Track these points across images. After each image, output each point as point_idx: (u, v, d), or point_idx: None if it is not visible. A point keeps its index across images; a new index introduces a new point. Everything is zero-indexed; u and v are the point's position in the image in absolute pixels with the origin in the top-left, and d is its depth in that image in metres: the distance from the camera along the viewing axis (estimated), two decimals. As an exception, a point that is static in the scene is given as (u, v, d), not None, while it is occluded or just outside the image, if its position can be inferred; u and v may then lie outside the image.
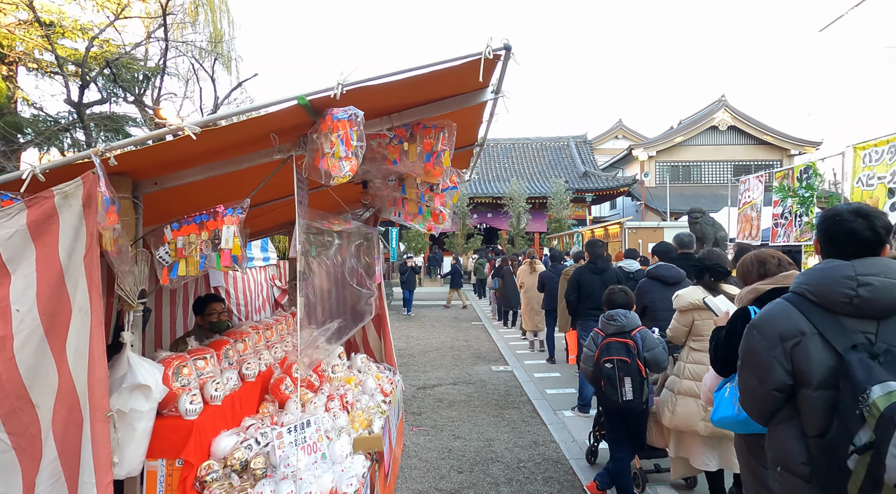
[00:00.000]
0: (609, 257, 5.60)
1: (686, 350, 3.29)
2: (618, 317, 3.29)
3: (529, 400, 6.22)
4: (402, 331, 11.94)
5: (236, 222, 1.95)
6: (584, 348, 3.44)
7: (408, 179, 3.05)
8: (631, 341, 3.21)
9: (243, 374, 2.91)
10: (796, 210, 7.51)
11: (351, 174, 1.82)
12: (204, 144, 2.10)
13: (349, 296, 4.66)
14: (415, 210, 3.43)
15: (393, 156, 2.37)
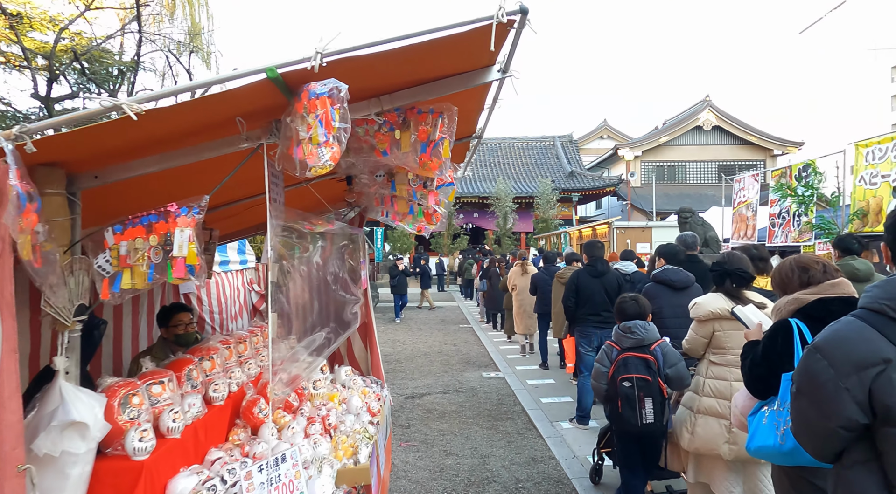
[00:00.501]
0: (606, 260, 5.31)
1: (705, 364, 2.99)
2: (636, 330, 2.98)
3: (524, 409, 5.91)
4: (388, 335, 11.57)
5: (192, 224, 1.59)
6: (595, 363, 3.12)
7: (399, 174, 2.70)
8: (651, 356, 2.90)
9: (210, 398, 2.54)
10: (795, 210, 7.31)
11: (332, 164, 1.47)
12: (155, 129, 1.73)
13: (333, 305, 4.29)
14: (405, 209, 3.08)
15: (382, 146, 2.02)
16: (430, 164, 2.00)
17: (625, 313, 3.11)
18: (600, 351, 3.12)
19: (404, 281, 14.52)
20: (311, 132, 1.43)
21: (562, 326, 6.63)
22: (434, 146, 1.98)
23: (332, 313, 4.28)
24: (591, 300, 5.06)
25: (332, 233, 3.96)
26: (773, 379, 2.11)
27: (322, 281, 4.29)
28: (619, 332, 3.05)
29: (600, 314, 5.05)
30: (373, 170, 2.68)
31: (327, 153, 1.43)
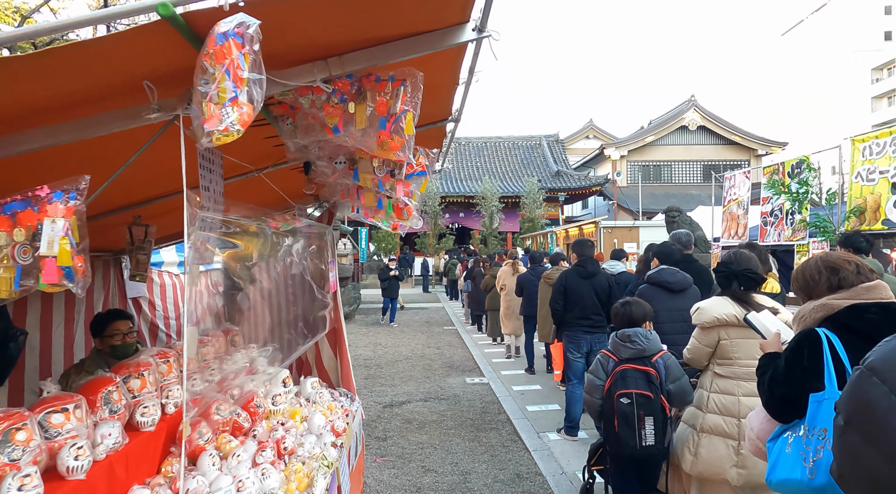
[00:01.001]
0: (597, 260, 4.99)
1: (709, 376, 2.66)
2: (637, 339, 2.64)
3: (509, 418, 5.56)
4: (369, 338, 11.18)
5: (69, 214, 1.21)
6: (588, 374, 2.78)
7: (362, 161, 2.33)
8: (653, 370, 2.56)
9: (138, 423, 2.15)
10: (789, 207, 7.06)
11: (241, 128, 1.10)
12: (31, 93, 1.35)
13: (297, 310, 3.91)
14: (372, 202, 2.72)
15: (333, 122, 1.65)
16: (390, 143, 1.63)
17: (625, 319, 2.76)
18: (594, 361, 2.78)
19: (396, 283, 13.69)
20: (216, 86, 1.06)
21: (549, 330, 6.30)
22: (395, 121, 1.61)
23: (295, 319, 3.90)
24: (581, 303, 4.73)
25: (297, 232, 3.59)
26: (798, 400, 1.79)
27: (284, 284, 3.91)
28: (616, 341, 2.71)
29: (590, 317, 4.73)
30: (332, 156, 2.31)
31: (233, 114, 1.05)
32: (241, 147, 2.42)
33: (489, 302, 9.81)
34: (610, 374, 2.62)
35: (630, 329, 2.69)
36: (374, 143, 1.65)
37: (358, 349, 9.85)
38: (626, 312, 2.75)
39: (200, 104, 1.04)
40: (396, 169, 2.35)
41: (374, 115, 1.63)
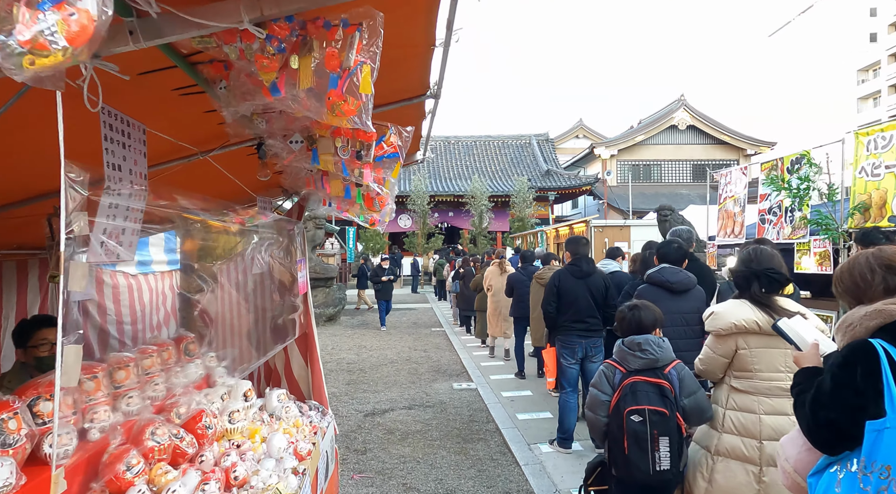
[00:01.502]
0: (592, 259, 4.66)
1: (725, 390, 2.33)
2: (649, 347, 2.30)
3: (498, 428, 5.22)
4: (354, 340, 10.79)
5: None
6: (591, 388, 2.43)
7: (322, 140, 1.97)
8: (666, 382, 2.23)
9: (46, 456, 1.77)
10: (789, 204, 6.78)
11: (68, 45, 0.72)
12: None
13: (260, 314, 3.54)
14: (339, 191, 2.36)
15: (270, 78, 1.29)
16: (342, 106, 1.27)
17: (633, 324, 2.42)
18: (597, 373, 2.43)
19: (390, 285, 12.97)
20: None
21: (542, 333, 5.97)
22: (349, 76, 1.25)
23: (259, 324, 3.53)
24: (575, 304, 4.40)
25: (260, 228, 3.21)
26: (849, 428, 1.46)
27: (246, 286, 3.54)
28: (624, 350, 2.37)
29: (585, 320, 4.39)
30: (286, 133, 1.94)
31: (52, 19, 0.69)
32: (183, 123, 2.05)
33: (478, 303, 9.48)
34: (617, 388, 2.27)
35: (640, 336, 2.35)
36: (323, 108, 1.29)
37: (341, 352, 9.47)
38: (635, 317, 2.41)
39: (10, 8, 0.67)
40: (364, 150, 1.99)
41: (320, 69, 1.27)
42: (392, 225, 27.72)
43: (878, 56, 49.63)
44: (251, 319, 3.44)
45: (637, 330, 2.38)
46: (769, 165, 7.54)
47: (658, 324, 2.42)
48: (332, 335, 11.53)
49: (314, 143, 1.95)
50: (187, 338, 3.05)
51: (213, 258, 3.91)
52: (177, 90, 1.66)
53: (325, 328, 12.65)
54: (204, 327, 4.29)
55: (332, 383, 7.20)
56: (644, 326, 2.38)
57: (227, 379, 3.11)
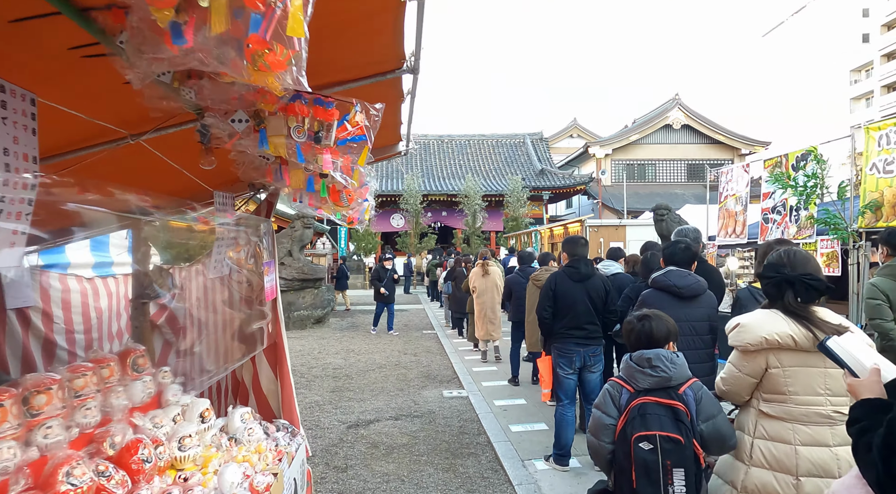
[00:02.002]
0: (591, 261, 4.32)
1: (752, 415, 1.99)
2: (661, 364, 1.96)
3: (489, 441, 4.87)
4: (343, 343, 10.42)
5: None
6: (594, 409, 2.07)
7: (271, 120, 1.61)
8: (681, 405, 1.89)
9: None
10: (796, 203, 6.49)
11: None
12: None
13: (220, 323, 3.18)
14: (300, 182, 2.00)
15: (164, 17, 0.94)
16: (266, 57, 0.92)
17: (643, 337, 2.07)
18: (601, 393, 2.08)
19: (393, 286, 11.68)
20: None
21: (538, 338, 5.64)
22: (271, 17, 0.90)
23: (220, 334, 3.18)
24: (573, 309, 4.06)
25: (222, 228, 2.85)
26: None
27: (205, 292, 3.19)
28: (632, 366, 2.02)
29: (583, 327, 4.06)
30: (226, 109, 1.58)
31: None
32: (102, 98, 1.68)
33: (470, 305, 9.16)
34: (624, 410, 1.93)
35: (650, 350, 2.01)
36: (242, 60, 0.94)
37: (328, 356, 9.10)
38: (645, 329, 2.06)
39: None
40: (323, 131, 1.64)
41: (241, 8, 0.92)
42: (384, 224, 27.35)
43: (871, 56, 49.73)
44: (211, 329, 3.09)
45: (647, 344, 2.03)
46: (773, 162, 7.26)
47: (672, 337, 2.07)
48: (321, 338, 11.16)
49: (262, 123, 1.60)
50: (136, 351, 2.68)
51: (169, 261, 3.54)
52: (74, 50, 1.30)
53: (313, 330, 12.29)
54: (158, 338, 3.93)
55: (315, 390, 6.85)
56: (655, 339, 2.04)
57: (181, 398, 2.75)
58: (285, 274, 12.71)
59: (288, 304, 12.68)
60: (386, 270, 11.45)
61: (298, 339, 10.94)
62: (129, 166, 2.28)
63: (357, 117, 1.65)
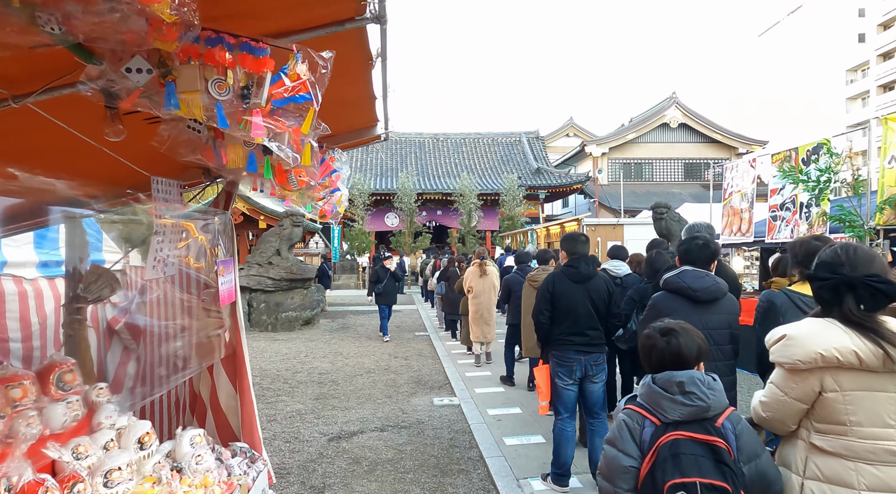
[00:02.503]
0: (596, 259, 3.93)
1: (801, 450, 1.61)
2: (696, 390, 1.55)
3: (482, 456, 4.48)
4: (331, 346, 10.02)
5: None
6: (606, 446, 1.66)
7: (183, 71, 1.22)
8: (722, 441, 1.49)
9: None
10: (808, 199, 6.13)
11: None
12: None
13: (166, 330, 2.79)
14: (240, 159, 1.61)
15: None
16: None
17: (670, 356, 1.65)
18: (616, 424, 1.67)
19: (393, 287, 10.80)
20: None
21: (535, 343, 5.25)
22: None
23: (165, 343, 2.78)
24: (573, 314, 3.67)
25: (165, 221, 2.45)
26: None
27: (149, 295, 2.79)
28: (657, 391, 1.61)
29: (585, 333, 3.67)
30: (119, 54, 1.18)
31: None
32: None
33: (463, 307, 8.77)
34: (650, 449, 1.52)
35: (681, 372, 1.60)
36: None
37: (315, 360, 8.70)
38: (673, 347, 1.65)
39: None
40: (253, 85, 1.24)
41: None
42: (378, 223, 26.90)
43: (867, 56, 49.61)
44: (155, 337, 2.69)
45: (674, 364, 1.63)
46: (782, 156, 6.89)
47: (703, 356, 1.67)
48: (308, 340, 10.75)
49: (169, 74, 1.20)
50: (62, 366, 2.28)
51: (106, 259, 3.14)
52: None
53: (302, 332, 11.87)
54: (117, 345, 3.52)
55: (298, 397, 6.44)
56: (685, 359, 1.64)
57: (117, 420, 2.35)
58: (273, 273, 12.29)
59: (276, 305, 12.26)
60: (386, 270, 10.65)
61: (286, 342, 10.53)
62: (35, 144, 1.88)
63: (298, 68, 1.25)
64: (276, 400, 6.36)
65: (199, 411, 3.05)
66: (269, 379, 7.40)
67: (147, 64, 1.21)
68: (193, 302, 2.89)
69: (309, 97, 1.29)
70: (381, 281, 10.52)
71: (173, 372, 2.72)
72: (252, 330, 12.04)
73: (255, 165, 1.59)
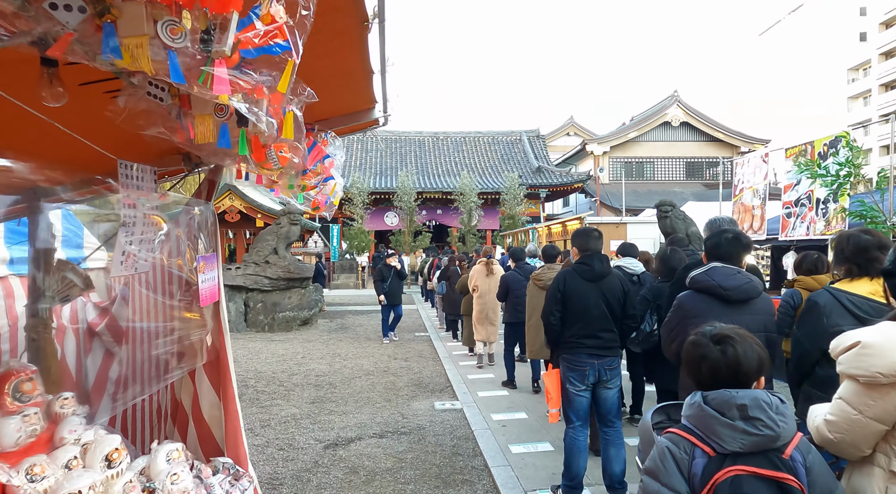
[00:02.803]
0: (607, 257, 3.66)
1: (878, 479, 1.36)
2: (764, 415, 1.27)
3: (486, 465, 4.23)
4: (329, 347, 9.77)
5: None
6: (645, 478, 1.37)
7: (127, 11, 0.95)
8: (793, 479, 1.22)
9: None
10: (825, 195, 5.87)
11: None
12: None
13: (139, 333, 2.53)
14: (210, 132, 1.35)
15: None
16: None
17: (727, 369, 1.37)
18: (657, 452, 1.36)
19: (399, 285, 10.36)
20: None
21: (540, 346, 5.01)
22: None
23: (138, 348, 2.52)
24: (586, 315, 3.41)
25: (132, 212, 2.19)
26: None
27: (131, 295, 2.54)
28: (710, 414, 1.32)
29: (598, 335, 3.42)
30: None
31: None
32: None
33: (465, 307, 8.52)
34: (704, 485, 1.24)
35: (741, 392, 1.31)
36: None
37: (312, 362, 8.44)
38: (731, 357, 1.36)
39: None
40: (215, 28, 0.98)
41: None
42: (378, 222, 26.62)
43: (869, 55, 49.39)
44: (137, 339, 2.43)
45: (732, 379, 1.35)
46: (796, 151, 6.63)
47: (764, 368, 1.39)
48: (306, 341, 10.49)
49: (107, 12, 0.94)
50: (20, 374, 2.03)
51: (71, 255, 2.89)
52: None
53: (300, 333, 11.62)
54: (98, 348, 3.27)
55: (294, 401, 6.19)
56: (744, 373, 1.36)
57: (83, 434, 2.10)
58: (270, 273, 12.03)
59: (273, 305, 12.00)
60: (390, 268, 10.22)
61: (283, 342, 10.28)
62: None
63: (273, 9, 1.00)
64: (271, 403, 6.11)
65: (180, 420, 2.79)
66: (264, 381, 7.15)
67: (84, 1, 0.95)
68: (176, 301, 2.64)
69: (287, 46, 1.03)
70: (385, 280, 10.12)
71: (156, 375, 2.47)
72: (248, 331, 11.79)
73: (228, 139, 1.33)
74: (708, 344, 1.41)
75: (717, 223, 3.35)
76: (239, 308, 11.93)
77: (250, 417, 5.58)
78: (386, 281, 10.05)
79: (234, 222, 15.17)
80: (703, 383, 1.39)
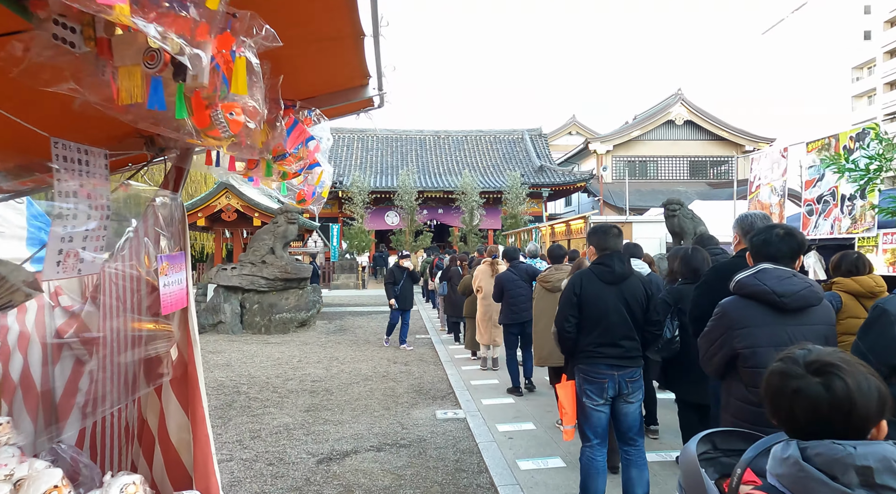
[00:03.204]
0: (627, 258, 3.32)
1: None
2: (894, 481, 0.89)
3: (493, 484, 3.88)
4: (327, 350, 9.42)
5: None
6: None
7: None
8: None
9: None
10: (852, 191, 5.52)
11: None
12: None
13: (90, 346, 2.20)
14: (136, 87, 0.99)
15: None
16: None
17: (831, 410, 0.98)
18: None
19: (411, 289, 9.57)
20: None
21: (549, 352, 4.67)
22: None
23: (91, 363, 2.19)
24: (605, 320, 3.06)
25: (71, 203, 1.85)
26: None
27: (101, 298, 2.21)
28: (816, 477, 0.93)
29: (619, 344, 3.07)
30: None
31: None
32: None
33: (468, 308, 8.18)
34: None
35: (864, 447, 0.93)
36: None
37: (308, 366, 8.10)
38: (840, 393, 0.98)
39: None
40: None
41: None
42: (379, 222, 26.27)
43: (873, 54, 48.95)
44: (73, 355, 2.09)
45: (843, 425, 0.99)
46: (819, 144, 6.27)
47: (886, 409, 1.01)
48: (303, 343, 10.15)
49: None
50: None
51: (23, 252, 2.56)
52: None
53: (297, 335, 11.28)
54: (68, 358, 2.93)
55: (287, 409, 5.84)
56: (860, 416, 0.98)
57: (16, 468, 1.77)
58: (267, 273, 11.69)
59: (270, 306, 11.67)
60: (402, 270, 9.43)
61: (279, 345, 9.94)
62: None
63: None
64: (263, 412, 5.76)
65: (146, 442, 2.44)
66: (257, 387, 6.80)
67: None
68: (142, 307, 2.29)
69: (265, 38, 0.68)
70: (397, 282, 9.37)
71: (124, 389, 2.13)
72: (244, 333, 11.46)
73: (163, 98, 0.99)
74: (804, 374, 1.03)
75: (750, 219, 3.00)
76: (235, 309, 11.60)
77: (240, 427, 5.24)
78: (398, 283, 9.35)
79: (230, 221, 14.82)
80: (798, 429, 1.03)
